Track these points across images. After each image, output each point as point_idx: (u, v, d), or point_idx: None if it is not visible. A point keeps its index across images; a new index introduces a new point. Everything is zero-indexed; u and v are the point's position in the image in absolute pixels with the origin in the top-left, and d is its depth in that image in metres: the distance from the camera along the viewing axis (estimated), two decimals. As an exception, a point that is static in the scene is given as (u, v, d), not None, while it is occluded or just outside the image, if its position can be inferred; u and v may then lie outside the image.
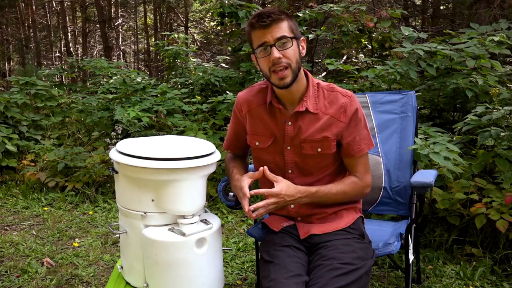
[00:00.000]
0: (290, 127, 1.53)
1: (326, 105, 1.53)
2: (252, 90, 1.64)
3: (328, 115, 1.52)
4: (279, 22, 1.43)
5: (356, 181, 1.56)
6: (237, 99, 1.66)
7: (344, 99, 1.52)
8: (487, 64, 3.12)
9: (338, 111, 1.51)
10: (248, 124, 1.62)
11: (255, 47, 1.46)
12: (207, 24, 16.07)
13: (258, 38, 1.44)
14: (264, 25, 1.42)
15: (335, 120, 1.51)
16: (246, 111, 1.62)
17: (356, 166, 1.56)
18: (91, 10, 16.29)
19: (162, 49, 5.39)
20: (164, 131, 4.13)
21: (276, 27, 1.42)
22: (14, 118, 4.48)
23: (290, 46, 1.43)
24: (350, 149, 1.54)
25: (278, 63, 1.42)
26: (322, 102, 1.53)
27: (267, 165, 1.58)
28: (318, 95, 1.54)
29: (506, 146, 2.57)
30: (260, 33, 1.43)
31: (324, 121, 1.51)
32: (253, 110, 1.60)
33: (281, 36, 1.42)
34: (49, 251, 2.70)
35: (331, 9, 4.30)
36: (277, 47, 1.42)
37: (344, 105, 1.51)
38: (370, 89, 3.51)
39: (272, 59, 1.42)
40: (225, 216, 3.28)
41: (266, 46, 1.43)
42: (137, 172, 1.45)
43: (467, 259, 2.45)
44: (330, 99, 1.53)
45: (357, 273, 1.36)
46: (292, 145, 1.54)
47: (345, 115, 1.51)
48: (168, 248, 1.44)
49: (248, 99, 1.62)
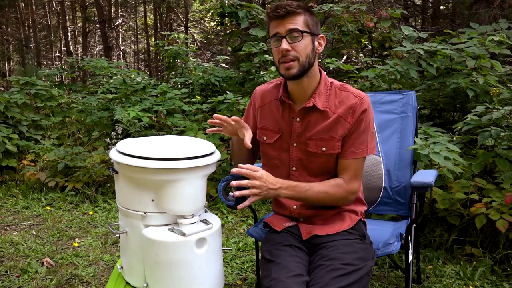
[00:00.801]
0: (298, 123, 1.54)
1: (336, 104, 1.52)
2: (269, 84, 1.66)
3: (337, 114, 1.51)
4: (294, 15, 1.43)
5: (341, 183, 1.50)
6: (254, 92, 1.69)
7: (355, 100, 1.50)
8: (487, 64, 3.12)
9: (347, 112, 1.50)
10: (259, 119, 1.64)
11: (270, 37, 1.48)
12: (207, 24, 16.08)
13: (273, 29, 1.47)
14: (278, 15, 1.43)
15: (342, 120, 1.50)
16: (259, 106, 1.64)
17: (345, 169, 1.51)
18: (91, 10, 16.30)
19: (162, 49, 5.39)
20: (164, 131, 4.13)
21: (290, 19, 1.43)
22: (14, 118, 4.48)
23: (300, 40, 1.43)
24: (344, 149, 1.51)
25: (286, 55, 1.43)
26: (333, 100, 1.52)
27: (273, 161, 1.59)
28: (329, 94, 1.53)
29: (506, 146, 2.57)
30: (275, 24, 1.45)
31: (332, 120, 1.50)
32: (266, 105, 1.62)
33: (293, 29, 1.42)
34: (49, 251, 2.70)
35: (331, 9, 4.30)
36: (288, 39, 1.43)
37: (353, 106, 1.50)
38: (370, 89, 3.51)
39: (281, 50, 1.43)
40: (225, 216, 3.28)
41: (278, 37, 1.44)
42: (137, 172, 1.45)
43: (467, 259, 2.45)
44: (341, 98, 1.52)
45: (358, 273, 1.36)
46: (298, 142, 1.55)
47: (353, 116, 1.49)
48: (168, 248, 1.44)
49: (263, 94, 1.65)
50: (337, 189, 1.49)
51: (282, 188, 1.43)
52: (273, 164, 1.60)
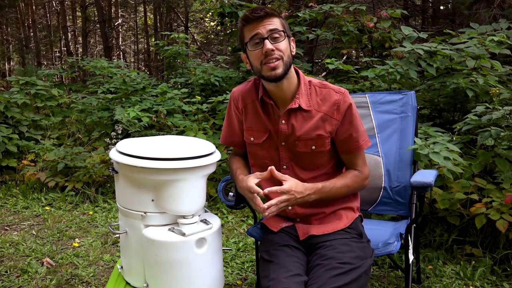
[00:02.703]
0: (284, 125, 1.54)
1: (319, 102, 1.53)
2: (247, 85, 1.64)
3: (322, 112, 1.52)
4: (272, 16, 1.45)
5: (358, 174, 1.57)
6: (232, 94, 1.66)
7: (337, 96, 1.52)
8: (487, 64, 3.12)
9: (331, 108, 1.51)
10: (244, 120, 1.63)
11: (247, 40, 1.47)
12: (207, 24, 16.08)
13: (250, 31, 1.45)
14: (258, 16, 1.43)
15: (329, 118, 1.51)
16: (243, 106, 1.62)
17: (355, 161, 1.58)
18: (91, 10, 16.29)
19: (162, 49, 5.38)
20: (164, 131, 4.13)
21: (269, 20, 1.44)
22: (14, 118, 4.48)
23: (282, 40, 1.45)
24: (347, 146, 1.54)
25: (270, 55, 1.43)
26: (315, 99, 1.53)
27: (263, 160, 1.59)
28: (310, 93, 1.54)
29: (506, 146, 2.57)
30: (253, 26, 1.45)
31: (318, 119, 1.51)
32: (248, 105, 1.61)
33: (274, 29, 1.43)
34: (49, 251, 2.70)
35: (331, 9, 4.30)
36: (270, 40, 1.43)
37: (337, 102, 1.51)
38: (370, 89, 3.51)
39: (265, 50, 1.42)
40: (225, 216, 3.28)
41: (259, 38, 1.44)
42: (137, 172, 1.45)
43: (467, 259, 2.45)
44: (323, 96, 1.53)
45: (356, 272, 1.36)
46: (287, 142, 1.55)
47: (338, 112, 1.51)
48: (168, 248, 1.44)
49: (243, 94, 1.63)
50: (356, 179, 1.56)
51: (311, 194, 1.47)
52: (263, 163, 1.59)
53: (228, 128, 1.70)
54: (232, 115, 1.67)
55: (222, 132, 1.74)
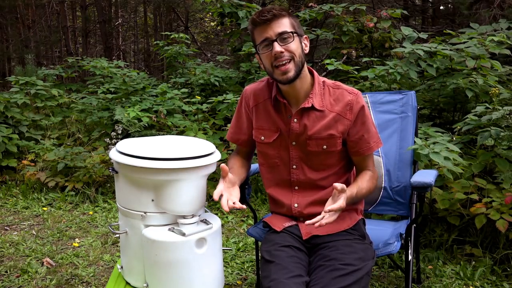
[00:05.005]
0: (295, 124, 1.54)
1: (332, 102, 1.53)
2: (260, 84, 1.65)
3: (334, 112, 1.52)
4: (280, 17, 1.44)
5: (372, 175, 1.59)
6: (244, 92, 1.66)
7: (350, 97, 1.53)
8: (487, 64, 3.12)
9: (344, 109, 1.52)
10: (254, 119, 1.63)
11: (258, 43, 1.47)
12: (207, 24, 16.07)
13: (260, 35, 1.46)
14: (265, 19, 1.43)
15: (341, 118, 1.52)
16: (253, 105, 1.62)
17: (367, 162, 1.59)
18: (91, 10, 16.29)
19: (162, 49, 5.38)
20: (164, 131, 4.12)
21: (277, 22, 1.44)
22: (14, 118, 4.48)
23: (291, 41, 1.45)
24: (359, 147, 1.55)
25: (280, 57, 1.43)
26: (328, 99, 1.54)
27: (272, 160, 1.58)
28: (323, 93, 1.55)
29: (506, 146, 2.57)
30: (262, 29, 1.45)
31: (330, 119, 1.51)
32: (260, 104, 1.61)
33: (283, 32, 1.43)
34: (49, 251, 2.70)
35: (331, 9, 4.30)
36: (279, 42, 1.43)
37: (350, 103, 1.52)
38: (370, 89, 3.51)
39: (274, 53, 1.43)
40: (225, 216, 3.28)
41: (268, 41, 1.44)
42: (137, 172, 1.45)
43: (467, 259, 2.45)
44: (336, 96, 1.54)
45: (358, 274, 1.36)
46: (297, 141, 1.55)
47: (351, 113, 1.51)
48: (168, 248, 1.44)
49: (255, 93, 1.63)
50: (373, 180, 1.58)
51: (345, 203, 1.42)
52: (273, 163, 1.60)
53: (236, 125, 1.70)
54: (242, 112, 1.67)
55: (229, 129, 1.74)
